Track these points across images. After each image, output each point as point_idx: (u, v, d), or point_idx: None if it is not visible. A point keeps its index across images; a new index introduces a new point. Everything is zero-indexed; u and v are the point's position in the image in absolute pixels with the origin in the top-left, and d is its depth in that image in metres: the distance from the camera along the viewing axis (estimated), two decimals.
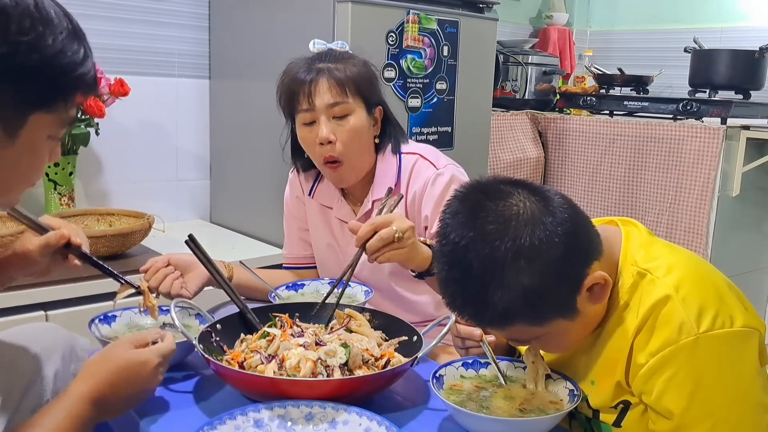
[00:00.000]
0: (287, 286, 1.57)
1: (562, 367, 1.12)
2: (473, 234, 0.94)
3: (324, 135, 1.48)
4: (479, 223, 0.94)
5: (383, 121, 1.60)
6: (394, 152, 1.60)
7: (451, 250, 0.96)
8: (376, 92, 1.57)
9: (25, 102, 0.85)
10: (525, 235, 0.92)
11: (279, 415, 1.00)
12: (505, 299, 0.93)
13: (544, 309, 0.96)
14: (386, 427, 0.97)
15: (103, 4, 2.44)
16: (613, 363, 1.04)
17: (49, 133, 0.91)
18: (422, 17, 2.35)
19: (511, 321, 0.96)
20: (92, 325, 1.28)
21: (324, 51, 1.58)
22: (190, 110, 2.68)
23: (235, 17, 2.56)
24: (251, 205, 2.59)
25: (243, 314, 1.29)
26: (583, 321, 1.02)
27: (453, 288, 0.98)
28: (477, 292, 0.94)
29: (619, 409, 1.06)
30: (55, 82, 0.87)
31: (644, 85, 3.40)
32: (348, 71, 1.50)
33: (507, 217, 0.93)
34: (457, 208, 0.98)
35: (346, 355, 1.10)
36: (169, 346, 1.07)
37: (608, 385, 1.05)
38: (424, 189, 1.54)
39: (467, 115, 2.60)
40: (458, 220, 0.96)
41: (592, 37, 4.20)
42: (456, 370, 1.13)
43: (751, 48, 3.09)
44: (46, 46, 0.84)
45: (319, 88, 1.48)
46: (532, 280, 0.92)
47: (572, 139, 3.25)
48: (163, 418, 1.07)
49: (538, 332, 1.00)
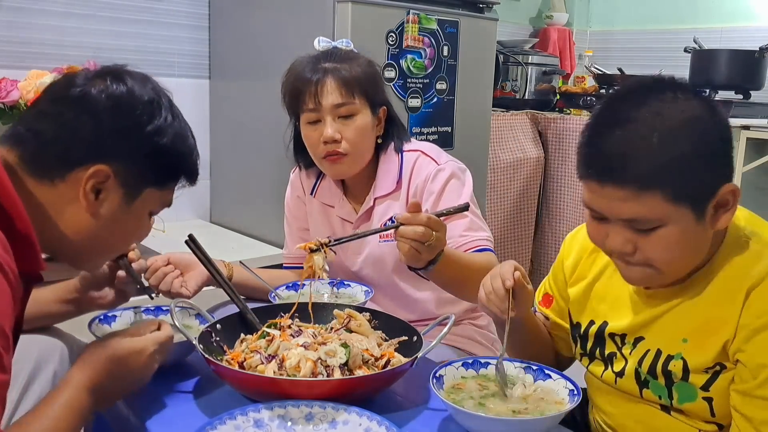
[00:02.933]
0: (287, 286, 1.57)
1: (647, 322, 1.11)
2: (650, 101, 0.99)
3: (329, 134, 1.49)
4: (657, 96, 0.99)
5: (387, 121, 1.60)
6: (396, 151, 1.60)
7: (618, 102, 1.02)
8: (380, 92, 1.57)
9: (146, 177, 1.00)
10: (702, 114, 0.98)
11: (279, 415, 0.99)
12: (663, 154, 0.95)
13: (688, 183, 0.97)
14: (386, 427, 0.96)
15: (103, 4, 2.44)
16: (718, 323, 1.03)
17: (151, 209, 1.05)
18: (422, 17, 2.35)
19: (653, 184, 0.96)
20: (92, 325, 1.28)
21: (329, 49, 1.57)
22: (190, 110, 2.63)
23: (234, 17, 2.56)
24: (251, 205, 2.59)
25: (243, 314, 1.29)
26: (698, 237, 1.02)
27: (612, 137, 0.98)
28: (641, 141, 0.96)
29: (711, 372, 1.05)
30: (173, 164, 1.03)
31: None
32: (354, 71, 1.50)
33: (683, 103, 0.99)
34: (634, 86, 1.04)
35: (346, 355, 1.10)
36: (165, 334, 1.08)
37: (710, 346, 1.04)
38: (425, 184, 1.55)
39: (467, 115, 2.60)
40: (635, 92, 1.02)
41: (592, 37, 4.20)
42: (456, 370, 1.12)
43: (751, 48, 3.09)
44: (173, 132, 1.01)
45: (325, 88, 1.48)
46: (696, 148, 0.96)
47: (572, 139, 3.25)
48: (163, 418, 1.06)
49: (661, 217, 0.98)
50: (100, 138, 0.95)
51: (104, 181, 0.96)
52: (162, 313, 1.35)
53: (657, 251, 1.01)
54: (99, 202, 0.97)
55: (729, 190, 1.00)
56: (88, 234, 0.99)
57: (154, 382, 1.13)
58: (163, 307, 1.36)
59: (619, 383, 1.16)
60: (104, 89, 0.97)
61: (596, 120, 1.04)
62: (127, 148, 0.97)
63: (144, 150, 0.98)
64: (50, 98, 1.00)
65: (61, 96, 0.98)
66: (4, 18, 2.27)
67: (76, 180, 0.95)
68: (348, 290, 1.56)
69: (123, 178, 0.97)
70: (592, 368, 1.22)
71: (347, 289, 1.56)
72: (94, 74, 1.01)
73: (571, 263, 1.27)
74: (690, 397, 1.08)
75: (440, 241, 1.24)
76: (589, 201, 1.04)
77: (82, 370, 0.97)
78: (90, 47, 2.38)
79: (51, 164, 0.95)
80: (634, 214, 0.99)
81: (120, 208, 0.99)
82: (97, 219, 0.98)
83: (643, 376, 1.12)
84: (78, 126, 0.95)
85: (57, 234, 0.97)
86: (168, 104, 1.03)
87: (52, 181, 0.95)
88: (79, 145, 0.95)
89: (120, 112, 0.97)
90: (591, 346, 1.21)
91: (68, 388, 0.95)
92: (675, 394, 1.09)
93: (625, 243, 1.02)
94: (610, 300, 1.19)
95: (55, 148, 0.95)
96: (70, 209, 0.96)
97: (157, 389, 1.12)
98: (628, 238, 1.02)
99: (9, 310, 0.82)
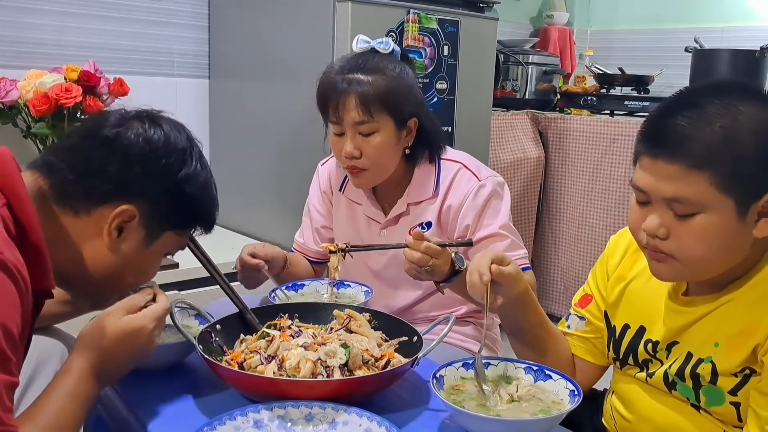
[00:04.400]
0: (287, 286, 1.57)
1: (682, 328, 1.11)
2: (724, 95, 0.99)
3: (349, 151, 1.50)
4: (733, 92, 1.00)
5: (419, 131, 1.58)
6: (431, 161, 1.60)
7: (693, 91, 1.04)
8: (410, 105, 1.54)
9: (168, 221, 1.04)
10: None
11: (279, 416, 0.99)
12: (721, 139, 0.96)
13: (739, 175, 0.96)
14: (386, 428, 0.96)
15: (103, 4, 2.44)
16: (751, 327, 1.02)
17: (168, 251, 1.09)
18: (422, 17, 2.34)
19: (704, 166, 0.96)
20: None
21: (361, 55, 1.54)
22: (190, 110, 2.68)
23: (234, 17, 2.56)
24: (251, 205, 2.59)
25: (243, 314, 1.29)
26: (734, 236, 1.00)
27: (676, 116, 0.99)
28: (703, 123, 0.97)
29: (740, 377, 1.04)
30: (195, 211, 1.08)
31: (645, 85, 3.39)
32: (377, 87, 1.48)
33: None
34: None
35: (346, 356, 1.10)
36: (162, 306, 1.06)
37: (741, 350, 1.03)
38: (465, 199, 1.55)
39: (467, 115, 2.60)
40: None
41: (593, 37, 4.20)
42: (456, 370, 1.12)
43: (752, 48, 3.09)
44: (200, 182, 1.06)
45: (346, 105, 1.48)
46: (755, 145, 0.96)
47: (573, 139, 3.25)
48: (163, 418, 1.06)
49: (704, 202, 0.98)
50: (131, 179, 0.99)
51: (129, 221, 0.99)
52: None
53: (690, 240, 1.00)
54: (121, 240, 1.00)
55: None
56: (105, 269, 1.01)
57: (154, 382, 1.13)
58: None
59: (649, 381, 1.16)
60: (141, 133, 1.01)
61: (666, 102, 1.05)
62: (156, 191, 1.01)
63: (171, 195, 1.02)
64: (84, 134, 1.03)
65: (95, 134, 1.02)
66: (4, 17, 2.26)
67: (102, 216, 0.98)
68: (348, 291, 1.56)
69: (147, 220, 1.01)
70: (626, 370, 1.21)
71: (347, 289, 1.56)
72: (132, 116, 1.04)
73: (615, 262, 1.26)
74: (718, 400, 1.07)
75: (438, 267, 1.30)
76: (637, 180, 1.04)
77: (82, 355, 0.97)
78: (90, 47, 2.38)
79: (77, 197, 0.98)
80: (678, 194, 0.98)
81: (138, 248, 1.03)
82: (116, 256, 1.01)
83: (671, 378, 1.11)
84: (109, 165, 0.99)
85: (74, 263, 1.00)
86: (199, 154, 1.07)
87: (77, 213, 0.98)
88: (109, 182, 0.98)
89: (154, 156, 1.01)
90: (624, 351, 1.21)
91: (70, 376, 0.95)
92: (702, 397, 1.08)
93: (660, 226, 1.02)
94: (646, 303, 1.18)
95: (84, 183, 0.98)
96: (92, 243, 0.99)
97: (157, 389, 1.12)
98: (665, 221, 1.01)
99: (17, 314, 0.82)
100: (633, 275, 1.22)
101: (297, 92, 1.53)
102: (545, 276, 3.44)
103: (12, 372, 0.80)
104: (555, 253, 3.39)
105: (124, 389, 1.14)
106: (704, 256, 1.01)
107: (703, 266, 1.04)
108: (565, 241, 3.33)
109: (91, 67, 2.19)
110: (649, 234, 1.03)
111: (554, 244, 3.39)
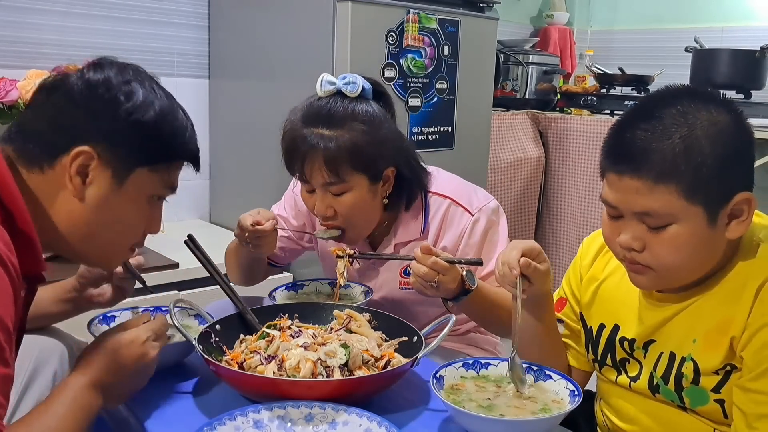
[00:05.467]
0: (287, 287, 1.57)
1: (658, 325, 1.11)
2: (680, 104, 1.00)
3: (321, 212, 1.39)
4: (688, 100, 1.01)
5: (398, 177, 1.44)
6: (410, 206, 1.48)
7: (648, 102, 1.05)
8: (384, 158, 1.39)
9: (133, 157, 0.99)
10: (728, 122, 0.99)
11: (279, 416, 0.99)
12: (682, 149, 0.97)
13: (703, 182, 0.97)
14: (386, 428, 0.96)
15: (103, 3, 2.44)
16: (727, 322, 1.03)
17: (150, 192, 1.03)
18: (422, 17, 2.34)
19: (669, 178, 0.97)
20: (92, 326, 1.28)
21: (330, 98, 1.38)
22: (190, 110, 2.62)
23: (234, 17, 2.56)
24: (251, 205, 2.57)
25: (242, 315, 1.29)
26: (708, 242, 1.01)
27: (636, 131, 1.00)
28: (662, 135, 0.98)
29: (721, 374, 1.04)
30: (160, 142, 1.02)
31: (645, 85, 3.39)
32: (345, 143, 1.32)
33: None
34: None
35: (346, 356, 1.10)
36: (159, 322, 1.06)
37: (719, 345, 1.03)
38: (460, 239, 1.46)
39: (467, 115, 2.60)
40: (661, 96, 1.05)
41: (593, 37, 4.20)
42: (456, 370, 1.12)
43: (752, 48, 3.09)
44: (155, 110, 1.00)
45: (312, 166, 1.34)
46: (716, 151, 0.97)
47: (573, 139, 3.25)
48: (163, 418, 1.06)
49: (673, 213, 0.99)
50: (78, 121, 0.96)
51: (89, 164, 0.96)
52: (162, 312, 1.35)
53: (665, 251, 1.01)
54: (86, 185, 0.97)
55: (744, 199, 1.00)
56: (80, 222, 0.98)
57: (153, 383, 1.13)
58: (162, 307, 1.35)
59: (633, 386, 1.16)
60: (80, 77, 0.99)
61: (624, 116, 1.05)
62: (106, 127, 0.97)
63: (123, 128, 0.97)
64: (36, 91, 1.02)
65: (41, 89, 1.01)
66: (4, 17, 2.26)
67: (63, 167, 0.95)
68: (348, 291, 1.56)
69: (108, 159, 0.97)
70: (605, 373, 1.21)
71: (347, 289, 1.56)
72: (82, 68, 1.03)
73: (587, 263, 1.27)
74: (701, 400, 1.07)
75: (446, 284, 1.27)
76: (606, 195, 1.05)
77: (82, 372, 0.97)
78: (90, 47, 2.38)
79: (39, 153, 0.96)
80: (647, 207, 0.99)
81: (111, 192, 0.98)
82: (87, 204, 0.97)
83: (655, 381, 1.11)
84: (57, 112, 0.98)
85: (51, 225, 0.97)
86: (150, 86, 1.03)
87: (42, 169, 0.96)
88: (61, 130, 0.96)
89: (95, 95, 0.97)
90: (602, 351, 1.20)
91: (69, 386, 0.95)
92: (686, 399, 1.08)
93: (635, 239, 1.03)
94: (619, 302, 1.18)
95: (42, 137, 0.97)
96: (61, 197, 0.96)
97: (157, 389, 1.12)
98: (639, 234, 1.02)
99: (10, 304, 0.82)
100: (605, 275, 1.23)
101: (297, 92, 1.51)
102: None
103: (7, 363, 0.80)
104: (555, 253, 3.39)
105: None
106: (681, 264, 1.03)
107: (681, 273, 1.05)
108: (566, 241, 3.33)
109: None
110: (625, 248, 1.05)
111: (554, 244, 3.38)
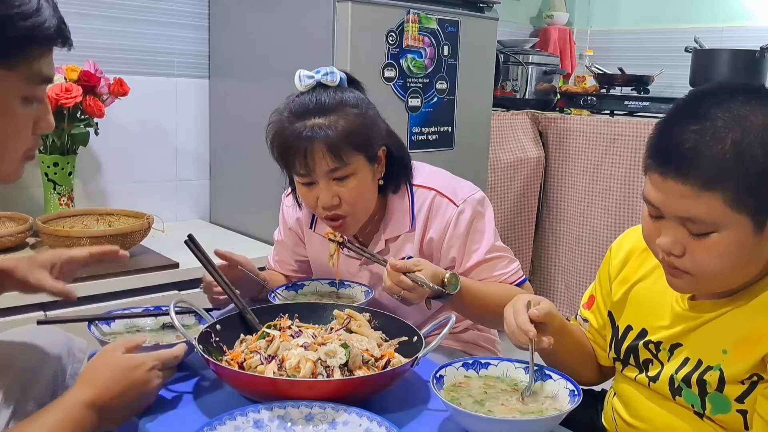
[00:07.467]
0: (287, 287, 1.57)
1: (687, 330, 1.09)
2: (733, 103, 0.95)
3: (327, 202, 1.40)
4: (742, 99, 0.96)
5: (388, 160, 1.48)
6: (403, 186, 1.51)
7: (699, 98, 0.99)
8: (377, 137, 1.43)
9: None
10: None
11: (279, 416, 0.99)
12: (732, 156, 0.92)
13: (753, 191, 0.93)
14: (386, 428, 0.96)
15: (103, 3, 2.44)
16: (760, 334, 1.00)
17: (20, 94, 0.92)
18: (422, 17, 2.34)
19: (716, 185, 0.93)
20: (91, 326, 1.28)
21: (313, 91, 1.41)
22: (190, 110, 2.68)
23: (234, 17, 2.56)
24: (251, 205, 2.59)
25: (243, 314, 1.29)
26: (752, 251, 0.98)
27: (683, 130, 0.95)
28: (712, 139, 0.93)
29: (747, 384, 1.02)
30: (3, 36, 0.86)
31: (645, 85, 3.40)
32: (342, 127, 1.35)
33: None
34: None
35: (346, 356, 1.10)
36: (169, 353, 1.07)
37: (749, 357, 1.01)
38: (446, 230, 1.47)
39: (467, 115, 2.60)
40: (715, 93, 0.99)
41: (593, 37, 4.20)
42: (456, 370, 1.12)
43: (752, 48, 3.09)
44: None
45: (315, 156, 1.35)
46: (767, 157, 0.92)
47: (573, 139, 3.25)
48: (163, 418, 1.06)
49: (717, 221, 0.95)
50: None
51: None
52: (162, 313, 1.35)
53: (706, 258, 0.98)
54: None
55: None
56: None
57: None
58: (163, 307, 1.35)
59: (652, 386, 1.15)
60: None
61: (673, 112, 1.01)
62: None
63: None
64: None
65: None
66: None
67: None
68: (348, 290, 1.56)
69: None
70: (626, 371, 1.20)
71: (347, 289, 1.56)
72: None
73: (619, 262, 1.25)
74: (724, 408, 1.05)
75: (410, 299, 1.31)
76: (648, 194, 1.01)
77: (83, 389, 0.97)
78: (90, 47, 2.38)
79: None
80: (691, 213, 0.96)
81: None
82: None
83: (677, 384, 1.10)
84: None
85: None
86: None
87: None
88: None
89: None
90: (625, 352, 1.20)
91: (66, 402, 0.95)
92: (708, 404, 1.07)
93: (676, 243, 0.99)
94: (650, 306, 1.17)
95: None
96: None
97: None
98: (680, 238, 0.99)
99: None
100: (638, 277, 1.21)
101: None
102: (545, 276, 3.44)
103: None
104: (555, 253, 3.39)
105: None
106: (721, 272, 1.00)
107: (720, 281, 1.03)
108: (566, 241, 3.33)
109: (91, 67, 2.19)
110: (665, 251, 1.02)
111: (554, 244, 3.39)
